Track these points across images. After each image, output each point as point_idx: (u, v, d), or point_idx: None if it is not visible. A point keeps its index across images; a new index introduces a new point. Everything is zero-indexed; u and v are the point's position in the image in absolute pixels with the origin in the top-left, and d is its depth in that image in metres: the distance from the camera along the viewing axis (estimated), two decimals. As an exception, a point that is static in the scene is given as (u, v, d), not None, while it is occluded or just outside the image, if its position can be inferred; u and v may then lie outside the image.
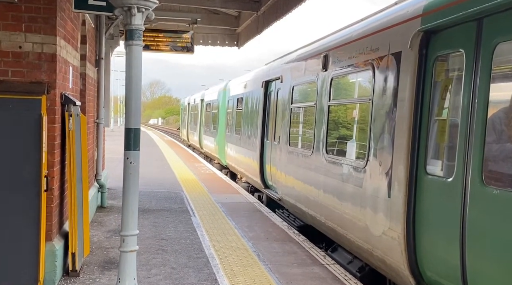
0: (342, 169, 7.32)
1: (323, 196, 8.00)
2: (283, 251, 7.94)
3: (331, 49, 8.10)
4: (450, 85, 5.22)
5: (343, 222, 7.18)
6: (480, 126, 4.51)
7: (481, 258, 4.43)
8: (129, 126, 4.70)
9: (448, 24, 5.00)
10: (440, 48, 5.24)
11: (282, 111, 10.90)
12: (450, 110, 5.14)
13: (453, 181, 4.79)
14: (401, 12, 6.04)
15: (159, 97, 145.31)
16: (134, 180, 4.72)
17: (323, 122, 8.16)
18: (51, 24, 5.90)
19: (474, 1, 4.55)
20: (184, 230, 8.93)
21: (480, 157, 4.44)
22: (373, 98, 6.45)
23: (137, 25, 4.66)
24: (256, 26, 11.43)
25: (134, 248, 4.82)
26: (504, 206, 4.10)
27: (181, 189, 13.52)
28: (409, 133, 5.49)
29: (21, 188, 5.69)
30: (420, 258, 5.37)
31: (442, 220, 4.97)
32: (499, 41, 4.34)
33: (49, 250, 5.93)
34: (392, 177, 5.80)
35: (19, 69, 5.85)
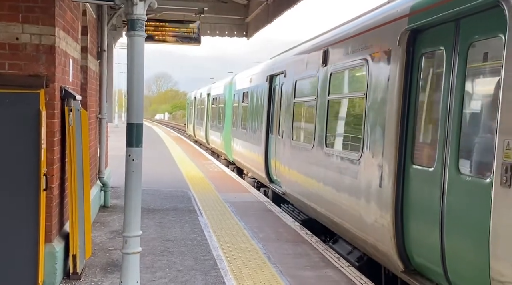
0: (340, 162, 7.62)
1: (323, 188, 8.22)
2: (294, 253, 7.60)
3: (330, 45, 8.39)
4: (433, 81, 5.57)
5: (341, 213, 7.47)
6: (456, 120, 4.91)
7: (456, 239, 4.83)
8: (131, 121, 4.40)
9: (431, 23, 5.37)
10: (425, 46, 5.61)
11: (285, 106, 11.05)
12: (432, 105, 5.50)
13: (434, 170, 5.19)
14: (391, 12, 6.35)
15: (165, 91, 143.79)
16: (136, 178, 4.42)
17: (323, 116, 8.44)
18: (49, 14, 5.58)
19: (453, 3, 4.90)
20: (191, 231, 8.61)
21: (456, 148, 4.88)
22: (367, 93, 6.76)
23: (139, 15, 4.35)
24: (265, 15, 11.04)
25: (137, 249, 4.52)
26: (474, 191, 4.54)
27: (188, 188, 13.19)
28: (397, 126, 5.85)
29: (18, 187, 5.38)
30: (407, 244, 5.73)
31: (425, 206, 5.35)
32: (473, 41, 4.77)
33: (49, 252, 5.63)
34: (383, 168, 6.13)
35: (16, 62, 5.54)
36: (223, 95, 21.77)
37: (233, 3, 12.38)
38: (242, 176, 16.71)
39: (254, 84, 14.91)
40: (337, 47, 8.08)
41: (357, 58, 7.17)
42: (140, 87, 4.36)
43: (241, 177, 16.38)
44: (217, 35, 13.26)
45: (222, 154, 21.37)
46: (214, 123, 23.99)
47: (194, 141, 33.09)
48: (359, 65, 7.19)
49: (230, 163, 19.52)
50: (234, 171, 18.03)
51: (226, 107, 20.63)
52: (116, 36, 11.99)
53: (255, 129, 14.14)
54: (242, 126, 16.45)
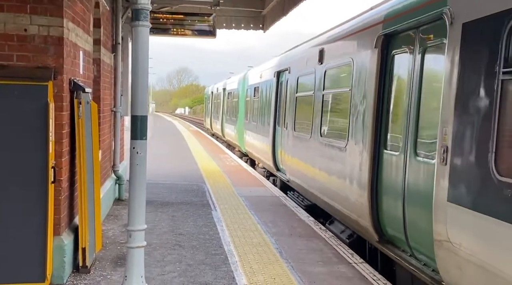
0: (331, 150, 8.61)
1: (319, 174, 9.22)
2: (307, 248, 7.48)
3: (325, 45, 9.43)
4: (400, 79, 6.43)
5: (333, 195, 8.41)
6: (414, 112, 5.86)
7: (413, 211, 5.80)
8: (135, 113, 4.31)
9: (399, 30, 6.30)
10: (395, 48, 6.54)
11: (289, 100, 12.05)
12: (399, 99, 6.39)
13: (399, 155, 6.17)
14: (371, 18, 7.29)
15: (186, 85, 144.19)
16: (141, 171, 4.34)
17: (319, 109, 9.47)
18: (57, 5, 5.52)
19: (414, 14, 5.84)
20: (204, 225, 8.54)
21: (415, 136, 5.82)
22: (351, 88, 7.72)
23: (143, 4, 4.27)
24: (281, 7, 10.89)
25: (141, 243, 4.44)
26: (425, 170, 5.52)
27: (204, 181, 13.14)
28: (373, 117, 6.77)
29: (26, 180, 5.35)
30: (380, 218, 6.69)
31: (392, 185, 6.33)
32: (427, 45, 5.72)
33: (57, 245, 5.59)
34: (362, 154, 7.07)
35: (24, 54, 5.49)
36: (237, 90, 22.80)
37: (250, -5, 12.27)
38: (254, 167, 17.40)
39: (264, 79, 15.89)
40: (331, 47, 9.14)
41: (345, 57, 8.11)
42: (144, 78, 4.27)
43: (254, 168, 17.03)
44: (233, 28, 13.14)
45: (236, 146, 22.37)
46: (229, 117, 25.09)
47: (211, 134, 33.99)
48: (346, 64, 8.04)
49: (243, 155, 20.47)
50: (248, 162, 18.74)
51: (240, 101, 21.58)
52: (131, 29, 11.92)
53: (264, 121, 15.17)
54: (253, 119, 17.47)
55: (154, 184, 12.46)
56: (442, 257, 5.00)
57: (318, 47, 9.70)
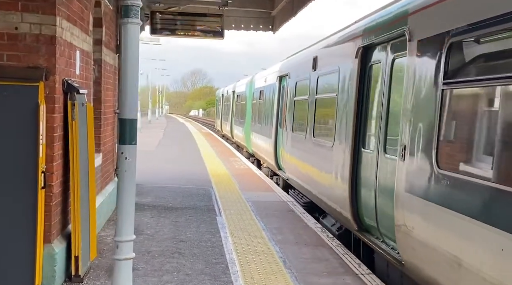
0: (322, 149, 9.44)
1: (311, 170, 10.07)
2: (313, 257, 7.17)
3: (318, 53, 10.36)
4: (374, 86, 7.22)
5: (323, 190, 9.14)
6: (384, 116, 6.63)
7: (381, 201, 6.57)
8: (123, 116, 4.04)
9: (375, 43, 7.12)
10: (372, 59, 7.34)
11: (289, 103, 13.00)
12: (373, 104, 7.19)
13: (373, 153, 6.96)
14: (354, 31, 8.09)
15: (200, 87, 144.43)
16: (129, 178, 4.06)
17: (312, 112, 10.36)
18: (50, 3, 5.27)
19: (385, 30, 6.67)
20: (207, 231, 8.25)
21: (384, 137, 6.60)
22: (338, 94, 8.51)
23: (133, 1, 3.99)
24: (291, 8, 10.58)
25: (129, 255, 4.17)
26: (391, 166, 6.25)
27: (211, 185, 12.86)
28: (354, 120, 7.56)
29: (15, 185, 5.10)
30: (359, 208, 7.43)
31: (367, 179, 7.10)
32: (394, 57, 6.52)
33: (48, 253, 5.34)
34: (345, 152, 7.88)
35: (15, 53, 5.26)
36: (245, 93, 23.88)
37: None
38: (260, 168, 18.29)
39: (268, 83, 16.97)
40: (322, 55, 10.07)
41: (334, 65, 8.92)
42: (134, 78, 4.00)
43: (259, 168, 17.88)
44: (242, 29, 12.83)
45: (244, 147, 23.36)
46: (238, 118, 26.12)
47: (221, 136, 34.91)
48: (334, 71, 8.81)
49: (250, 155, 21.32)
50: (254, 163, 19.48)
51: (247, 103, 22.58)
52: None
53: (268, 123, 16.14)
54: (259, 121, 18.52)
55: (161, 188, 12.24)
56: (400, 239, 5.82)
57: (313, 55, 10.66)
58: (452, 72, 4.93)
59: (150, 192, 11.62)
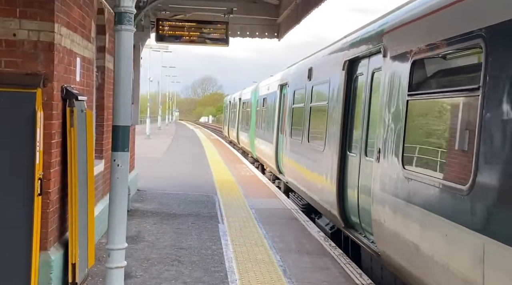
0: (315, 153, 10.08)
1: (307, 173, 10.72)
2: (314, 266, 7.09)
3: (313, 64, 11.16)
4: (358, 95, 7.87)
5: (317, 191, 9.78)
6: (366, 123, 7.28)
7: (362, 198, 7.21)
8: (116, 123, 4.01)
9: (360, 57, 7.78)
10: (356, 71, 8.04)
11: (288, 110, 13.75)
12: (357, 112, 7.84)
13: (356, 156, 7.64)
14: (341, 45, 8.86)
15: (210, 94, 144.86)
16: (121, 186, 4.02)
17: (307, 118, 11.10)
18: (48, 10, 5.28)
19: (367, 46, 7.39)
20: (208, 239, 8.20)
21: (365, 142, 7.28)
22: (328, 102, 9.18)
23: (127, 8, 3.98)
24: (295, 15, 10.56)
25: (121, 264, 4.14)
26: (370, 167, 6.85)
27: (215, 192, 12.81)
28: (341, 126, 8.21)
29: (11, 192, 5.08)
30: (345, 207, 8.03)
31: (352, 179, 7.76)
32: (374, 70, 7.16)
33: (44, 261, 5.31)
34: (333, 156, 8.54)
35: (13, 59, 5.26)
36: (250, 100, 24.82)
37: (264, 3, 11.92)
38: (264, 172, 18.99)
39: (270, 91, 17.87)
40: (316, 66, 10.82)
41: (325, 76, 9.62)
42: (127, 85, 3.98)
43: (263, 173, 18.59)
44: (248, 36, 12.83)
45: (249, 152, 24.20)
46: (243, 125, 27.17)
47: (229, 142, 35.83)
48: (326, 81, 9.50)
49: (255, 160, 22.06)
50: (259, 168, 20.20)
51: (252, 110, 23.51)
52: (143, 37, 11.68)
53: (270, 129, 16.97)
54: (262, 127, 19.39)
55: (165, 194, 12.21)
56: (376, 232, 6.49)
57: (308, 66, 11.43)
58: (414, 85, 5.63)
59: (154, 198, 11.60)
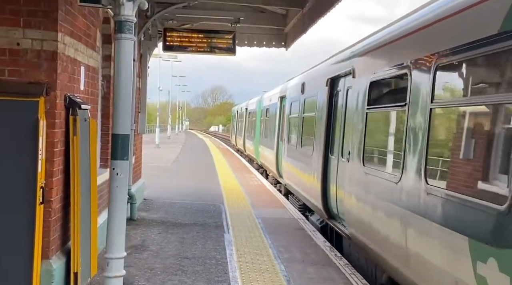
0: (304, 155, 11.88)
1: (300, 174, 12.30)
2: (318, 277, 7.02)
3: (305, 80, 12.87)
4: (338, 107, 9.34)
5: (307, 189, 11.30)
6: (342, 131, 8.73)
7: (339, 192, 8.63)
8: (116, 131, 4.01)
9: (338, 76, 9.33)
10: (336, 88, 9.56)
11: (286, 120, 15.52)
12: (336, 121, 9.37)
13: (335, 157, 9.09)
14: (326, 64, 10.66)
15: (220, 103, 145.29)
16: (121, 195, 4.01)
17: (301, 127, 12.82)
18: (52, 19, 5.31)
19: (342, 67, 8.91)
20: (213, 248, 8.16)
21: (341, 146, 8.69)
22: (316, 113, 10.86)
23: (127, 16, 3.98)
24: (302, 24, 10.58)
25: (119, 273, 4.11)
26: (343, 165, 8.42)
27: (222, 202, 12.78)
28: (325, 134, 9.83)
29: (11, 200, 5.10)
30: (328, 201, 9.50)
31: (332, 176, 9.28)
32: (348, 88, 8.49)
33: (45, 270, 5.30)
34: (319, 158, 10.09)
35: (17, 68, 5.30)
36: (255, 110, 26.79)
37: (271, 13, 11.97)
38: (267, 178, 20.29)
39: (272, 102, 19.76)
40: (308, 82, 12.50)
41: (314, 90, 11.34)
42: (127, 94, 3.98)
43: (267, 179, 19.83)
44: (255, 45, 12.89)
45: (254, 159, 25.89)
46: (249, 133, 29.16)
47: (236, 150, 37.43)
48: (314, 95, 11.24)
49: (259, 167, 23.48)
50: (263, 174, 21.42)
51: (257, 120, 25.39)
52: (151, 46, 11.79)
53: (271, 137, 18.74)
54: (265, 135, 21.28)
55: (171, 203, 12.20)
56: (347, 218, 8.15)
57: (302, 81, 13.14)
58: (371, 101, 7.29)
59: (160, 207, 11.59)
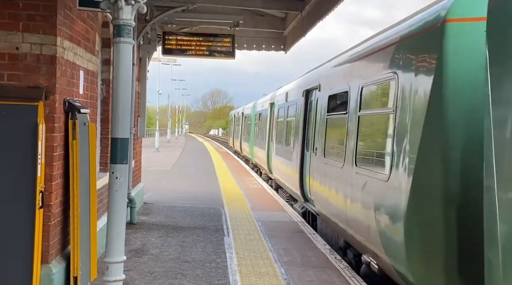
0: (288, 152, 14.18)
1: (284, 167, 14.87)
2: (318, 280, 7.01)
3: (288, 90, 15.65)
4: (310, 113, 11.59)
5: (289, 180, 13.75)
6: (313, 131, 10.94)
7: (311, 178, 10.81)
8: (115, 135, 4.00)
9: (312, 88, 11.49)
10: (310, 98, 11.82)
11: (275, 123, 18.10)
12: (309, 123, 11.60)
13: (309, 153, 11.25)
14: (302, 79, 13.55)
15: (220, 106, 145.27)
16: (120, 198, 4.01)
17: (285, 128, 15.16)
18: (51, 23, 5.33)
19: (313, 82, 11.49)
20: (213, 252, 8.15)
21: (312, 143, 10.85)
22: (296, 116, 13.16)
23: (126, 20, 3.97)
24: (301, 28, 10.61)
25: (119, 277, 4.10)
26: (313, 157, 10.72)
27: (222, 205, 12.78)
28: (302, 133, 12.04)
29: (11, 204, 5.10)
30: (304, 188, 11.70)
31: (306, 166, 11.39)
32: (317, 99, 10.78)
33: (45, 274, 5.31)
34: (297, 153, 12.35)
35: (16, 73, 5.31)
36: (250, 114, 29.37)
37: (271, 16, 11.99)
38: (260, 175, 22.39)
39: (264, 108, 22.47)
40: (290, 91, 15.18)
41: (295, 99, 13.80)
42: (126, 98, 3.98)
43: (260, 176, 21.93)
44: (254, 49, 12.92)
45: (249, 159, 28.30)
46: (245, 136, 31.79)
47: (233, 151, 39.43)
48: (294, 103, 13.72)
49: (254, 166, 25.72)
50: (258, 173, 23.32)
51: (251, 123, 27.83)
52: (150, 50, 11.77)
53: (264, 138, 21.24)
54: (258, 137, 24.02)
55: (171, 207, 12.19)
56: (314, 199, 10.51)
57: (286, 91, 16.01)
58: (330, 109, 9.61)
59: (160, 211, 11.58)
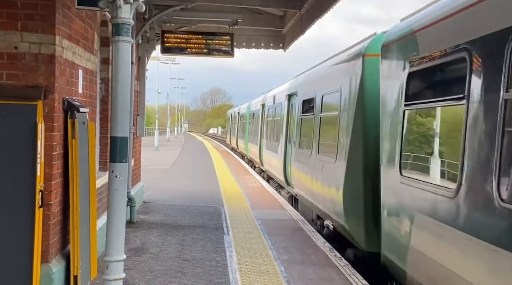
0: (275, 146, 16.86)
1: (273, 159, 17.42)
2: (318, 278, 7.02)
3: (275, 93, 18.33)
4: (293, 114, 14.00)
5: (276, 170, 16.37)
6: (294, 128, 13.45)
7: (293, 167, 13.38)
8: (115, 134, 4.00)
9: (292, 94, 14.23)
10: (291, 101, 14.37)
11: (266, 121, 20.87)
12: (291, 123, 14.16)
13: (290, 145, 14.08)
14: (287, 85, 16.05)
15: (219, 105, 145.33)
16: (120, 197, 4.01)
17: (273, 126, 18.20)
18: (49, 22, 5.33)
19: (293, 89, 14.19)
20: (212, 250, 8.16)
21: (292, 137, 13.55)
22: (281, 117, 15.91)
23: (124, 19, 3.97)
24: (299, 26, 10.60)
25: (119, 276, 4.10)
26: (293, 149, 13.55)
27: (222, 204, 12.78)
28: (285, 130, 14.79)
29: (10, 204, 5.10)
30: (286, 174, 14.39)
31: (289, 157, 13.95)
32: (296, 102, 13.35)
33: (45, 273, 5.31)
34: (282, 146, 15.08)
35: (15, 72, 5.31)
36: (245, 114, 32.36)
37: (269, 14, 11.99)
38: (254, 168, 25.20)
39: (257, 108, 25.18)
40: (277, 95, 17.69)
41: (279, 102, 16.62)
42: (125, 97, 3.98)
43: (253, 169, 24.67)
44: (253, 47, 12.92)
45: (245, 154, 31.12)
46: (240, 133, 34.92)
47: (231, 148, 42.03)
48: (279, 105, 16.59)
49: (249, 161, 28.23)
50: (252, 167, 25.58)
51: (246, 121, 30.76)
52: (149, 49, 11.77)
53: (257, 135, 23.96)
54: (252, 134, 26.98)
55: (171, 206, 12.20)
56: (293, 183, 12.99)
57: (274, 94, 18.77)
58: (304, 110, 11.89)
59: (160, 210, 11.59)
